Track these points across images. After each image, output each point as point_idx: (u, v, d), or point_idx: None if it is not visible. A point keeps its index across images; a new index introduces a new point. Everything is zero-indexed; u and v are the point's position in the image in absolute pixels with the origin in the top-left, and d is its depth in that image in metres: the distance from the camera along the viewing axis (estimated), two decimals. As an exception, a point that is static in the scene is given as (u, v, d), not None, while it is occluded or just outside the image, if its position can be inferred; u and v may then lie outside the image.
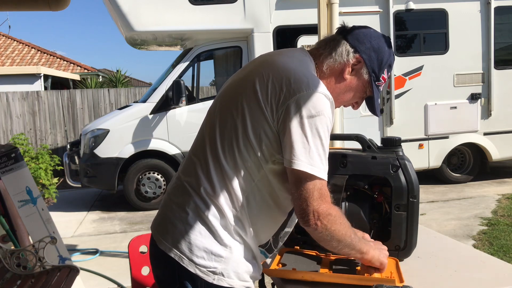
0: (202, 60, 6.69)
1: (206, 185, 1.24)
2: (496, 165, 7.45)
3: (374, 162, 1.58)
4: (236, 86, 1.31)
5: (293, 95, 1.18)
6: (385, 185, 1.59)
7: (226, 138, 1.24)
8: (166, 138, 6.33)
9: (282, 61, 1.27)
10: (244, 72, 1.34)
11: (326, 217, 1.19)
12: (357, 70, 1.33)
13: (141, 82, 22.64)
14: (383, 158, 1.58)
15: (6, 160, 2.70)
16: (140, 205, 6.44)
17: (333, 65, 1.33)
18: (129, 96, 10.15)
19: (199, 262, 1.21)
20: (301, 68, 1.26)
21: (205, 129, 1.33)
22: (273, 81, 1.21)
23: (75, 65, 15.99)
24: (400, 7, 6.60)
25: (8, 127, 9.45)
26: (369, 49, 1.33)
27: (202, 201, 1.23)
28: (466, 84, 6.82)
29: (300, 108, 1.16)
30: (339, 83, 1.34)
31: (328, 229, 1.20)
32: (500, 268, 1.47)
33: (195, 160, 1.30)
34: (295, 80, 1.20)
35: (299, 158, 1.16)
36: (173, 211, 1.28)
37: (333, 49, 1.33)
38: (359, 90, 1.36)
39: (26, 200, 2.72)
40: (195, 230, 1.22)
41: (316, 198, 1.18)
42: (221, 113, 1.29)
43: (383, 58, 1.34)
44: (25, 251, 2.54)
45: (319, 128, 1.17)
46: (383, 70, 1.35)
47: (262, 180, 1.24)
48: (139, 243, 2.00)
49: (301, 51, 1.36)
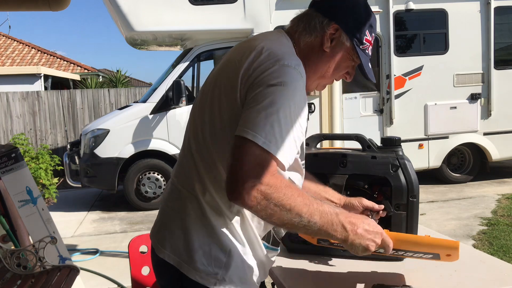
0: (202, 60, 6.70)
1: (198, 184, 1.17)
2: (496, 165, 7.44)
3: (374, 162, 1.58)
4: (211, 79, 1.24)
5: (264, 70, 1.09)
6: (385, 185, 1.59)
7: (206, 130, 1.17)
8: (166, 138, 6.34)
9: (256, 43, 1.18)
10: (220, 63, 1.27)
11: (256, 187, 0.98)
12: (337, 39, 1.23)
13: (141, 82, 22.65)
14: (383, 158, 1.58)
15: (6, 160, 2.70)
16: (140, 205, 6.44)
17: (310, 40, 1.24)
18: (129, 96, 10.15)
19: (199, 268, 1.14)
20: (278, 45, 1.18)
21: (189, 129, 1.26)
22: (247, 63, 1.12)
23: (75, 65, 15.99)
24: (400, 7, 6.61)
25: (8, 127, 9.45)
26: (343, 15, 1.23)
27: (197, 202, 1.17)
28: (466, 84, 6.82)
29: (267, 79, 1.07)
30: (321, 57, 1.24)
31: (260, 202, 0.99)
32: (500, 268, 1.47)
33: (184, 161, 1.24)
34: (269, 54, 1.12)
35: (244, 124, 1.02)
36: (169, 217, 1.23)
37: (307, 23, 1.24)
38: (345, 60, 1.26)
39: (26, 200, 2.73)
40: (192, 234, 1.15)
41: (247, 169, 0.98)
42: (200, 107, 1.23)
43: (361, 19, 1.25)
44: (25, 251, 2.54)
45: (284, 98, 1.04)
46: (364, 31, 1.25)
47: None
48: (139, 243, 2.00)
49: (277, 32, 1.28)
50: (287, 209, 1.01)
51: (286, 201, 1.00)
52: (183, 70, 6.44)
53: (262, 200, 0.99)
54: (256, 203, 0.99)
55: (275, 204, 0.99)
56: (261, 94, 1.05)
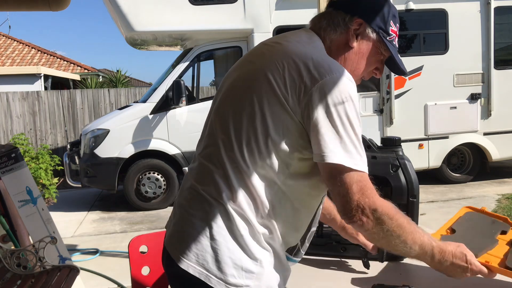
0: (202, 60, 6.70)
1: (227, 192, 1.11)
2: (496, 165, 7.44)
3: (374, 162, 1.58)
4: (245, 81, 1.17)
5: (315, 83, 1.05)
6: (385, 185, 1.59)
7: (244, 140, 1.11)
8: (166, 138, 6.33)
9: (293, 48, 1.14)
10: (251, 66, 1.20)
11: (372, 212, 1.05)
12: (362, 33, 1.20)
13: (141, 82, 22.64)
14: (383, 158, 1.58)
15: (6, 160, 2.70)
16: (140, 205, 6.44)
17: (336, 38, 1.20)
18: (129, 96, 10.15)
19: (229, 280, 1.07)
20: (316, 51, 1.14)
21: (216, 132, 1.18)
22: (289, 71, 1.08)
23: (75, 65, 15.99)
24: (400, 7, 6.60)
25: (8, 127, 9.45)
26: (364, 8, 1.21)
27: (225, 210, 1.10)
28: (466, 84, 6.82)
29: (325, 96, 1.04)
30: (349, 54, 1.21)
31: (375, 226, 1.07)
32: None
33: (211, 166, 1.15)
34: (314, 65, 1.08)
35: (331, 150, 1.04)
36: (194, 226, 1.13)
37: (330, 20, 1.21)
38: (373, 54, 1.23)
39: (26, 200, 2.72)
40: (221, 244, 1.09)
41: (356, 192, 1.04)
42: (233, 113, 1.15)
43: (384, 11, 1.21)
44: (25, 251, 2.54)
45: (350, 114, 1.05)
46: (389, 22, 1.22)
47: (287, 181, 1.12)
48: (139, 243, 2.00)
49: (306, 32, 1.23)
50: (397, 235, 1.10)
51: (396, 229, 1.10)
52: (183, 70, 6.44)
53: (377, 226, 1.07)
54: (372, 227, 1.07)
55: (387, 229, 1.09)
56: (330, 114, 1.05)
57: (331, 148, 1.04)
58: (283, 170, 1.11)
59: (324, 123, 1.04)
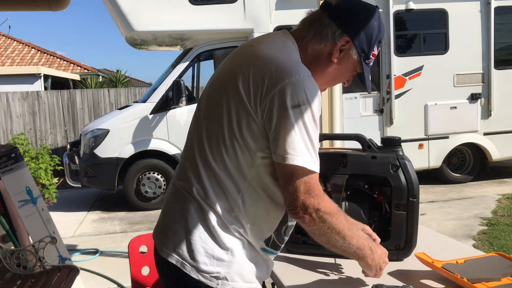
0: (202, 60, 6.70)
1: (198, 187, 1.20)
2: (496, 165, 7.44)
3: (374, 162, 1.58)
4: (219, 85, 1.25)
5: (275, 85, 1.11)
6: (385, 185, 1.59)
7: (213, 139, 1.20)
8: (166, 138, 6.33)
9: (261, 51, 1.20)
10: (225, 68, 1.27)
11: (315, 211, 1.14)
12: (346, 51, 1.24)
13: (141, 82, 22.64)
14: (383, 158, 1.58)
15: (6, 160, 2.70)
16: (140, 205, 6.44)
17: (319, 48, 1.23)
18: (129, 96, 10.15)
19: (201, 267, 1.17)
20: (282, 54, 1.18)
21: (193, 131, 1.29)
22: (254, 74, 1.15)
23: (75, 65, 15.99)
24: (400, 7, 6.60)
25: (8, 127, 9.45)
26: (357, 28, 1.22)
27: (198, 204, 1.20)
28: (466, 84, 6.82)
29: (284, 98, 1.10)
30: (327, 66, 1.25)
31: (317, 223, 1.15)
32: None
33: (186, 164, 1.27)
34: (277, 69, 1.13)
35: (284, 151, 1.11)
36: (172, 217, 1.25)
37: (318, 30, 1.23)
38: (349, 70, 1.28)
39: (26, 200, 2.72)
40: (195, 234, 1.18)
41: (302, 192, 1.12)
42: (206, 114, 1.25)
43: (373, 35, 1.24)
44: (25, 251, 2.54)
45: (305, 117, 1.11)
46: (373, 47, 1.26)
47: (255, 177, 1.19)
48: (139, 243, 2.00)
49: (282, 35, 1.27)
50: (337, 232, 1.18)
51: (337, 226, 1.17)
52: (183, 70, 6.44)
53: (319, 223, 1.15)
54: (314, 224, 1.15)
55: (328, 227, 1.16)
56: (287, 116, 1.10)
57: (283, 149, 1.11)
58: (249, 168, 1.18)
59: (281, 125, 1.11)
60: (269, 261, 1.33)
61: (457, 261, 1.44)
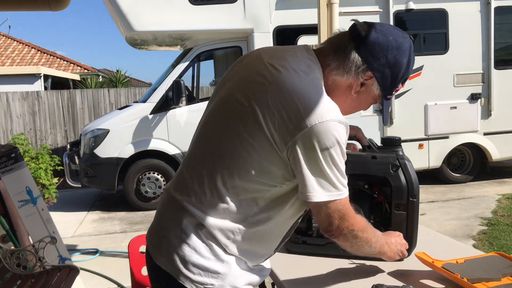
0: (202, 60, 6.69)
1: (199, 207, 1.17)
2: (496, 165, 7.44)
3: (374, 161, 1.58)
4: (234, 105, 1.17)
5: (304, 127, 1.07)
6: (385, 185, 1.59)
7: (226, 165, 1.15)
8: (166, 138, 6.33)
9: (289, 81, 1.12)
10: (242, 85, 1.20)
11: (349, 232, 1.20)
12: (368, 85, 1.19)
13: (141, 82, 22.63)
14: (383, 158, 1.58)
15: (6, 160, 2.70)
16: (140, 205, 6.43)
17: (340, 80, 1.18)
18: (129, 96, 10.15)
19: (196, 278, 1.16)
20: (311, 90, 1.12)
21: (203, 147, 1.23)
22: (279, 109, 1.09)
23: (75, 65, 15.99)
24: (400, 7, 6.60)
25: (8, 127, 9.45)
26: (383, 66, 1.16)
27: (196, 221, 1.17)
28: (466, 84, 6.82)
29: (312, 141, 1.07)
30: (346, 98, 1.20)
31: (350, 240, 1.22)
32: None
33: (188, 178, 1.22)
34: (305, 109, 1.08)
35: (313, 190, 1.11)
36: (167, 226, 1.22)
37: (342, 61, 1.16)
38: (368, 102, 1.25)
39: (26, 200, 2.72)
40: (190, 246, 1.17)
41: (336, 218, 1.16)
42: (220, 136, 1.18)
43: (399, 74, 1.19)
44: (25, 251, 2.54)
45: (335, 157, 1.10)
46: (397, 85, 1.21)
47: (265, 204, 1.17)
48: (139, 243, 2.00)
49: (308, 57, 1.19)
50: (366, 243, 1.27)
51: (367, 238, 1.26)
52: (183, 70, 6.43)
53: (353, 239, 1.22)
54: (348, 241, 1.23)
55: (360, 240, 1.24)
56: (317, 158, 1.09)
57: (315, 188, 1.12)
58: (264, 197, 1.17)
59: (310, 166, 1.10)
60: (265, 268, 1.33)
61: (457, 261, 1.44)
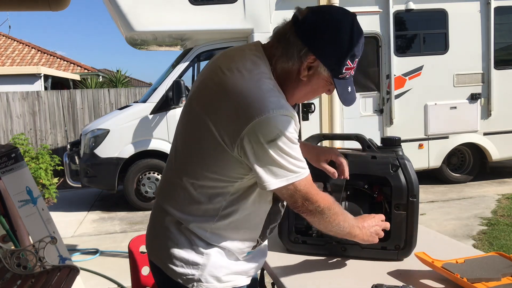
0: (202, 60, 6.69)
1: (177, 211, 1.29)
2: (496, 165, 7.44)
3: (374, 161, 1.58)
4: (192, 114, 1.27)
5: (246, 124, 1.12)
6: (385, 185, 1.59)
7: (191, 169, 1.26)
8: (166, 138, 6.33)
9: (232, 83, 1.18)
10: (199, 94, 1.28)
11: (315, 208, 1.24)
12: (314, 68, 1.20)
13: (141, 82, 22.64)
14: (383, 158, 1.58)
15: (6, 160, 2.70)
16: (140, 205, 6.43)
17: (287, 67, 1.21)
18: (129, 96, 10.15)
19: (179, 270, 1.27)
20: (252, 86, 1.16)
21: (173, 154, 1.34)
22: (224, 111, 1.16)
23: (75, 65, 15.99)
24: (400, 7, 6.60)
25: (8, 127, 9.45)
26: (323, 46, 1.18)
27: (176, 220, 1.29)
28: (466, 84, 6.82)
29: (257, 136, 1.12)
30: (297, 84, 1.23)
31: (317, 216, 1.26)
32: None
33: (166, 184, 1.36)
34: (247, 106, 1.12)
35: (269, 179, 1.17)
36: (155, 226, 1.38)
37: (284, 48, 1.20)
38: (322, 86, 1.25)
39: (26, 200, 2.73)
40: (173, 242, 1.29)
41: (300, 197, 1.22)
42: (184, 143, 1.30)
43: (342, 52, 1.18)
44: (25, 251, 2.54)
45: (283, 147, 1.14)
46: (344, 63, 1.19)
47: (232, 197, 1.26)
48: (139, 243, 2.00)
49: (255, 53, 1.24)
50: (334, 219, 1.29)
51: (334, 216, 1.29)
52: (183, 70, 6.43)
53: (319, 216, 1.26)
54: (315, 216, 1.27)
55: (327, 217, 1.27)
56: (264, 151, 1.14)
57: (267, 178, 1.17)
58: (228, 190, 1.25)
59: (260, 159, 1.15)
60: (256, 257, 1.40)
61: (457, 261, 1.45)
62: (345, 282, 1.46)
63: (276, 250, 1.70)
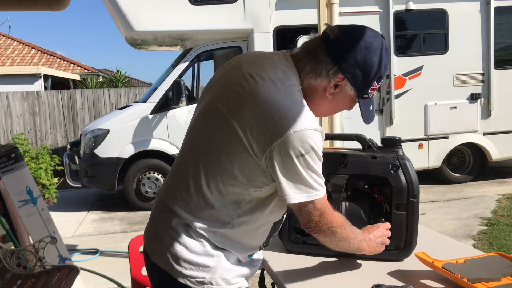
0: (202, 60, 6.69)
1: (188, 214, 1.26)
2: (496, 165, 7.44)
3: (374, 162, 1.58)
4: (216, 117, 1.24)
5: (279, 136, 1.13)
6: (385, 185, 1.59)
7: (210, 171, 1.23)
8: (166, 138, 6.33)
9: (264, 92, 1.17)
10: (223, 95, 1.26)
11: (328, 228, 1.26)
12: (341, 87, 1.23)
13: (141, 82, 22.63)
14: (383, 158, 1.58)
15: (6, 160, 2.70)
16: (140, 205, 6.43)
17: (314, 83, 1.23)
18: (129, 96, 10.15)
19: (188, 273, 1.25)
20: (286, 98, 1.17)
21: (188, 154, 1.31)
22: (256, 120, 1.15)
23: (75, 65, 15.99)
24: (400, 7, 6.60)
25: (8, 127, 9.45)
26: (353, 66, 1.20)
27: (184, 222, 1.26)
28: (466, 84, 6.82)
29: (288, 149, 1.13)
30: (322, 100, 1.26)
31: (329, 236, 1.28)
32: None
33: (176, 184, 1.31)
34: (281, 119, 1.13)
35: (292, 193, 1.18)
36: (160, 227, 1.32)
37: (314, 65, 1.22)
38: (346, 103, 1.29)
39: (26, 200, 2.73)
40: (181, 244, 1.25)
41: (315, 216, 1.23)
42: (203, 145, 1.26)
43: (370, 73, 1.21)
44: (25, 251, 2.54)
45: (310, 163, 1.16)
46: (371, 84, 1.24)
47: (248, 206, 1.26)
48: (139, 243, 2.00)
49: (285, 64, 1.24)
50: (344, 238, 1.31)
51: (345, 234, 1.31)
52: (183, 70, 6.43)
53: (331, 235, 1.28)
54: (326, 236, 1.28)
55: (338, 237, 1.29)
56: (293, 165, 1.15)
57: (292, 192, 1.18)
58: (245, 198, 1.24)
59: (287, 172, 1.16)
60: (256, 259, 1.41)
61: (457, 261, 1.45)
62: (345, 282, 1.46)
63: (276, 250, 1.70)
